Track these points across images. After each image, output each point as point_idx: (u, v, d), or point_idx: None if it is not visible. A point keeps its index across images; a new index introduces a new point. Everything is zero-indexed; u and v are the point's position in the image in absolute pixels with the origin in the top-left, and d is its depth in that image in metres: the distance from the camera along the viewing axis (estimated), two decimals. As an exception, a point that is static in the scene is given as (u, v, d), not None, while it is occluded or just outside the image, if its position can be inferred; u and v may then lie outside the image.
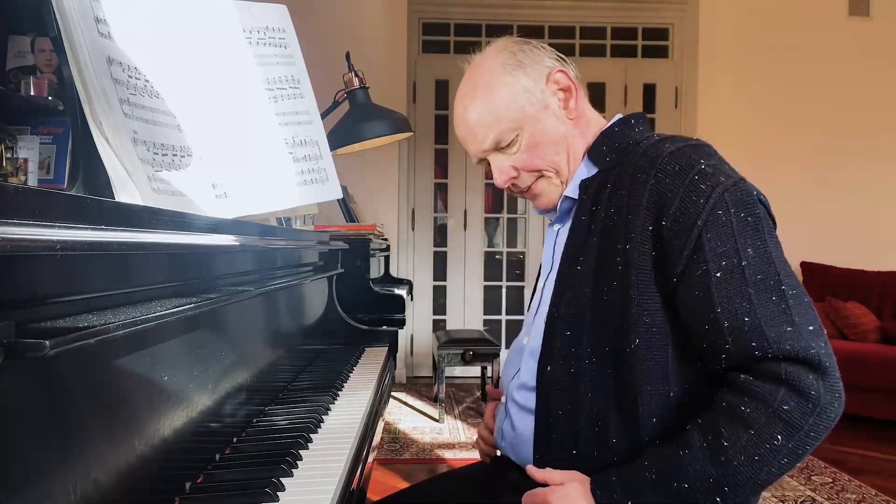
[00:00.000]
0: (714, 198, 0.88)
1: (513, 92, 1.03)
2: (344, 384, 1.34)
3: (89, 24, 0.86)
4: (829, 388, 0.82)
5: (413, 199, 4.82)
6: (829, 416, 0.82)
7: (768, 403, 0.82)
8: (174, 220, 0.77)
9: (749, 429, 0.83)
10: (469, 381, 4.62)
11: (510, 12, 4.76)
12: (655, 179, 0.91)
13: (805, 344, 0.82)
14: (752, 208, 0.89)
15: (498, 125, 1.03)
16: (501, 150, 1.05)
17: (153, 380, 0.71)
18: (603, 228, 0.96)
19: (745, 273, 0.86)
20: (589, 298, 0.95)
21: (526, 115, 1.03)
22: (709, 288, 0.86)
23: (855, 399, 3.57)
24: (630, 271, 0.91)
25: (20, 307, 0.50)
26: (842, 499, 2.57)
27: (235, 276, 1.07)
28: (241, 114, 1.16)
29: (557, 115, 1.05)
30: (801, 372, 0.82)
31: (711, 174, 0.89)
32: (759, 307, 0.84)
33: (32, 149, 1.99)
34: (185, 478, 0.78)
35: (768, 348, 0.83)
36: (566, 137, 1.05)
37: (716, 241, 0.87)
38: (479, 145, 1.06)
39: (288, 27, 1.32)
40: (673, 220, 0.89)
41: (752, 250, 0.86)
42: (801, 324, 0.84)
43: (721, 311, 0.86)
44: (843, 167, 4.60)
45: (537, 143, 1.03)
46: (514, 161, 1.05)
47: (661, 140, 0.98)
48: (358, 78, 1.96)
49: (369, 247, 2.20)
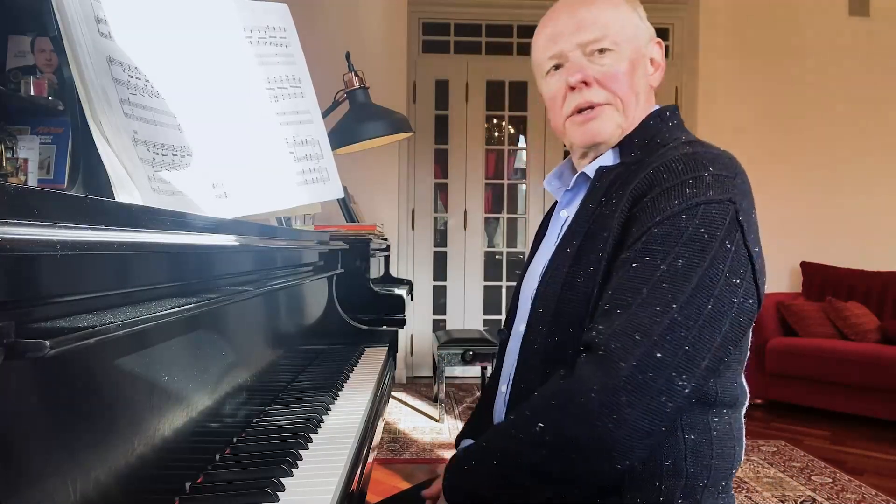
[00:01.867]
0: (688, 205, 0.84)
1: (631, 19, 1.01)
2: (344, 384, 1.34)
3: (90, 23, 0.86)
4: (603, 402, 0.77)
5: (413, 199, 4.82)
6: (595, 433, 0.77)
7: (547, 394, 0.84)
8: (174, 220, 0.77)
9: (525, 410, 0.85)
10: (469, 381, 4.62)
11: (510, 12, 4.76)
12: (654, 170, 0.89)
13: (625, 354, 0.78)
14: (716, 230, 0.82)
15: (606, 30, 0.99)
16: (590, 54, 1.00)
17: (153, 380, 0.71)
18: (598, 216, 0.95)
19: (654, 275, 0.81)
20: (563, 278, 0.94)
21: (630, 43, 1.00)
22: (619, 271, 0.86)
23: (855, 399, 3.60)
24: (603, 258, 0.90)
25: (20, 307, 0.50)
26: (842, 499, 2.57)
27: (235, 276, 1.07)
28: (242, 113, 1.16)
29: (647, 70, 1.04)
30: (590, 372, 0.80)
31: (707, 184, 0.85)
32: (637, 306, 0.81)
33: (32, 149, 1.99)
34: (185, 478, 0.78)
35: (601, 335, 0.81)
36: (646, 92, 1.04)
37: (658, 238, 0.83)
38: (575, 36, 0.99)
39: (289, 26, 1.32)
40: (642, 207, 0.87)
41: (683, 262, 0.81)
42: (654, 345, 0.78)
43: (611, 293, 0.85)
44: (844, 167, 4.60)
45: (629, 70, 1.00)
46: (598, 72, 0.99)
47: (687, 143, 0.95)
48: (358, 78, 1.96)
49: (369, 247, 2.20)
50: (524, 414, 0.86)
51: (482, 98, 4.89)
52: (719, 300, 0.81)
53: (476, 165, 4.90)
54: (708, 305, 0.80)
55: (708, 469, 0.90)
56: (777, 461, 3.02)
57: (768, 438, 3.35)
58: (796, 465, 2.98)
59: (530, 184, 4.97)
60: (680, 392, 0.80)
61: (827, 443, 3.34)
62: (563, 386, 0.82)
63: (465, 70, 4.85)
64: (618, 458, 0.79)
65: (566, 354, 0.91)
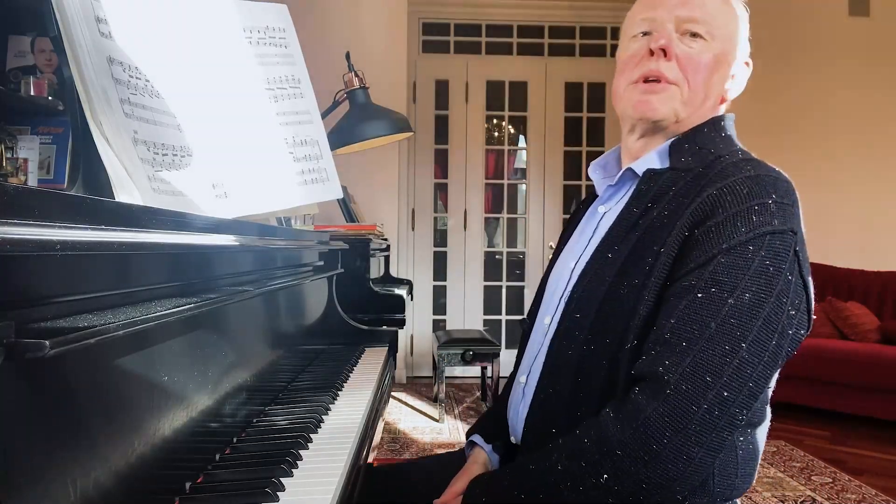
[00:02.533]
0: (756, 233, 0.83)
1: (735, 22, 1.00)
2: (344, 384, 1.34)
3: (90, 23, 0.86)
4: (676, 448, 0.78)
5: (413, 199, 4.82)
6: (665, 473, 0.78)
7: (607, 441, 0.81)
8: (174, 220, 0.77)
9: (581, 460, 0.83)
10: (469, 381, 4.62)
11: (510, 12, 4.76)
12: (718, 191, 0.87)
13: (696, 397, 0.78)
14: (781, 262, 0.82)
15: (710, 17, 0.97)
16: (683, 33, 0.98)
17: (153, 380, 0.71)
18: (648, 226, 0.92)
19: (722, 308, 0.81)
20: (606, 286, 0.92)
21: (726, 42, 0.99)
22: (682, 299, 0.83)
23: (855, 399, 3.59)
24: (653, 272, 0.88)
25: (20, 307, 0.50)
26: (842, 499, 2.57)
27: (235, 276, 1.07)
28: (242, 113, 1.16)
29: (726, 80, 1.02)
30: (660, 420, 0.79)
31: (772, 212, 0.84)
32: (706, 342, 0.80)
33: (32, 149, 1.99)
34: (185, 478, 0.78)
35: (670, 372, 0.80)
36: (716, 96, 1.02)
37: (725, 268, 0.82)
38: (678, 9, 0.98)
39: (288, 27, 1.32)
40: (706, 230, 0.85)
41: (750, 296, 0.81)
42: (722, 385, 0.79)
43: (673, 322, 0.83)
44: (844, 167, 4.60)
45: (712, 65, 0.98)
46: (682, 51, 0.97)
47: (745, 161, 0.93)
48: (358, 78, 1.96)
49: (369, 247, 2.20)
50: (578, 465, 0.83)
51: (482, 98, 4.89)
52: (781, 335, 0.82)
53: (476, 165, 4.90)
54: (772, 341, 0.81)
55: (730, 488, 0.92)
56: (777, 461, 3.02)
57: (768, 438, 3.34)
58: (796, 465, 2.98)
59: (530, 184, 4.97)
60: (738, 424, 0.82)
61: (827, 443, 3.34)
62: (629, 437, 0.80)
63: (465, 70, 4.86)
64: (680, 491, 0.81)
65: (600, 365, 0.90)
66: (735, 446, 0.91)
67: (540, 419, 0.97)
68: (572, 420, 0.91)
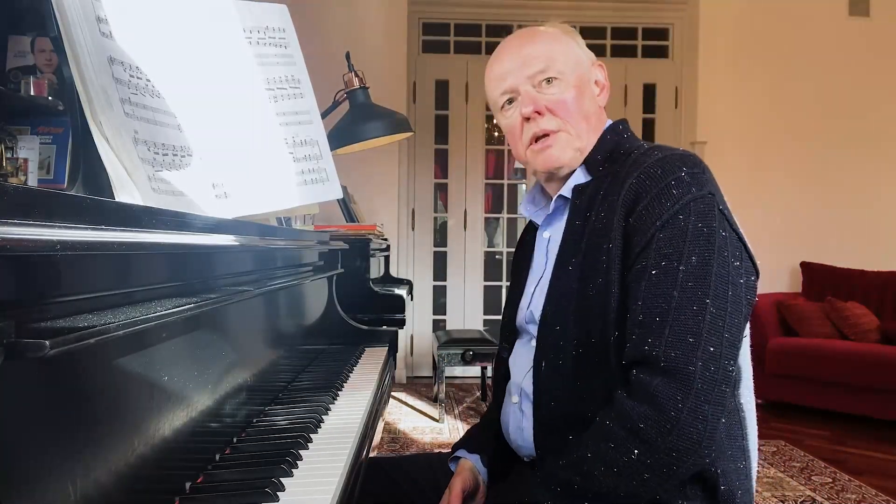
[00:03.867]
0: (680, 204, 0.90)
1: (571, 49, 1.08)
2: (344, 384, 1.34)
3: (90, 23, 0.86)
4: (691, 409, 0.83)
5: (413, 199, 4.82)
6: (689, 437, 0.83)
7: (628, 418, 0.86)
8: (174, 220, 0.77)
9: (609, 441, 0.87)
10: (469, 381, 4.62)
11: (510, 12, 4.76)
12: (636, 180, 0.94)
13: (689, 358, 0.84)
14: (711, 221, 0.90)
15: (550, 61, 1.05)
16: (539, 85, 1.05)
17: (153, 380, 0.71)
18: (591, 230, 0.99)
19: (677, 276, 0.88)
20: (575, 294, 0.98)
21: (574, 70, 1.06)
22: (640, 282, 0.90)
23: (855, 399, 3.59)
24: (611, 267, 0.94)
25: (20, 307, 0.50)
26: (842, 499, 2.57)
27: (235, 276, 1.07)
28: (242, 114, 1.16)
29: (593, 94, 1.09)
30: (667, 388, 0.84)
31: (688, 182, 0.92)
32: (675, 310, 0.86)
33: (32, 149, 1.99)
34: (185, 478, 0.78)
35: (656, 347, 0.86)
36: (595, 114, 1.08)
37: (665, 242, 0.89)
38: (522, 71, 1.06)
39: (288, 27, 1.32)
40: (637, 216, 0.92)
41: (696, 258, 0.88)
42: (705, 341, 0.85)
43: (641, 304, 0.89)
44: (844, 167, 4.60)
45: (576, 96, 1.05)
46: (548, 101, 1.05)
47: (651, 148, 1.01)
48: (358, 78, 1.96)
49: (369, 247, 2.20)
50: (607, 446, 0.87)
51: (482, 98, 4.88)
52: (734, 285, 0.89)
53: (476, 165, 4.90)
54: (728, 292, 0.88)
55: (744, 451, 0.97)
56: (777, 461, 3.02)
57: (768, 438, 3.35)
58: (796, 465, 2.98)
59: (530, 184, 4.97)
60: (731, 375, 0.87)
61: (827, 443, 3.34)
62: (647, 410, 0.85)
63: (465, 70, 4.85)
64: (707, 454, 0.86)
65: (594, 363, 0.96)
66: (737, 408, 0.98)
67: (550, 431, 1.01)
68: (583, 420, 0.95)
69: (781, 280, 4.54)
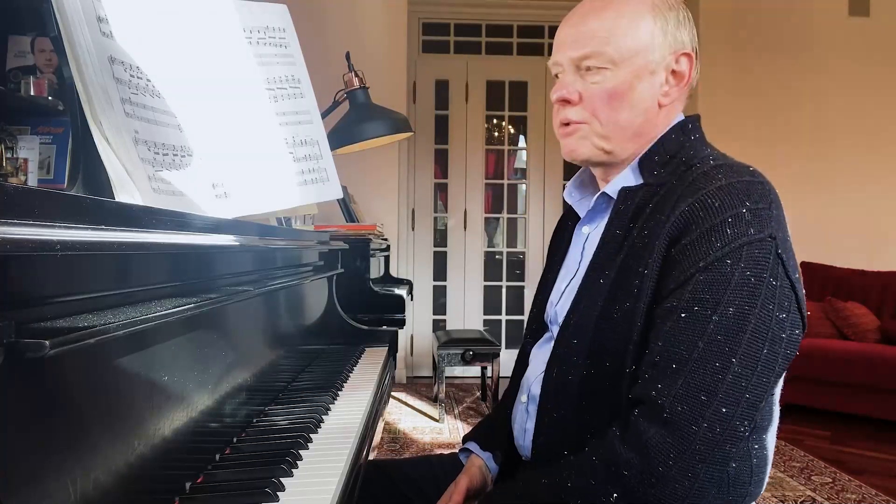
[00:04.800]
0: (732, 246, 0.81)
1: (642, 31, 0.94)
2: (344, 384, 1.34)
3: (91, 23, 0.86)
4: (682, 468, 0.78)
5: (413, 199, 4.82)
6: (673, 493, 0.79)
7: (615, 461, 0.82)
8: (174, 220, 0.77)
9: (591, 478, 0.83)
10: (469, 381, 4.62)
11: (510, 12, 4.76)
12: (690, 207, 0.85)
13: (694, 417, 0.78)
14: (762, 270, 0.81)
15: (603, 45, 0.94)
16: (581, 70, 0.96)
17: (153, 380, 0.71)
18: (631, 246, 0.92)
19: (707, 327, 0.80)
20: (599, 311, 0.92)
21: (632, 59, 0.94)
22: (666, 321, 0.83)
23: (855, 399, 3.59)
24: (642, 295, 0.87)
25: (20, 307, 0.50)
26: (842, 499, 2.57)
27: (235, 276, 1.07)
28: (242, 113, 1.16)
29: (654, 89, 0.96)
30: (662, 442, 0.79)
31: (747, 222, 0.82)
32: (695, 362, 0.80)
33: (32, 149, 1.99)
34: (185, 478, 0.78)
35: (663, 395, 0.80)
36: (644, 114, 0.97)
37: (705, 286, 0.81)
38: (568, 50, 0.97)
39: (288, 27, 1.32)
40: (681, 249, 0.84)
41: (734, 310, 0.80)
42: (719, 401, 0.79)
43: (661, 345, 0.83)
44: (843, 167, 4.60)
45: (618, 92, 0.95)
46: (584, 89, 0.96)
47: (716, 168, 0.89)
48: (358, 78, 1.96)
49: (369, 247, 2.20)
50: (588, 482, 0.83)
51: (482, 98, 4.89)
52: (772, 342, 0.81)
53: (476, 165, 4.90)
54: (763, 350, 0.80)
55: (744, 496, 0.91)
56: (777, 461, 3.02)
57: (768, 438, 3.35)
58: (796, 465, 2.98)
59: (530, 184, 4.97)
60: (742, 436, 0.81)
61: (827, 443, 3.34)
62: (634, 458, 0.80)
63: (465, 70, 4.86)
64: None
65: (604, 386, 0.91)
66: (749, 455, 0.91)
67: (548, 440, 0.98)
68: (582, 441, 0.91)
69: (781, 280, 4.54)
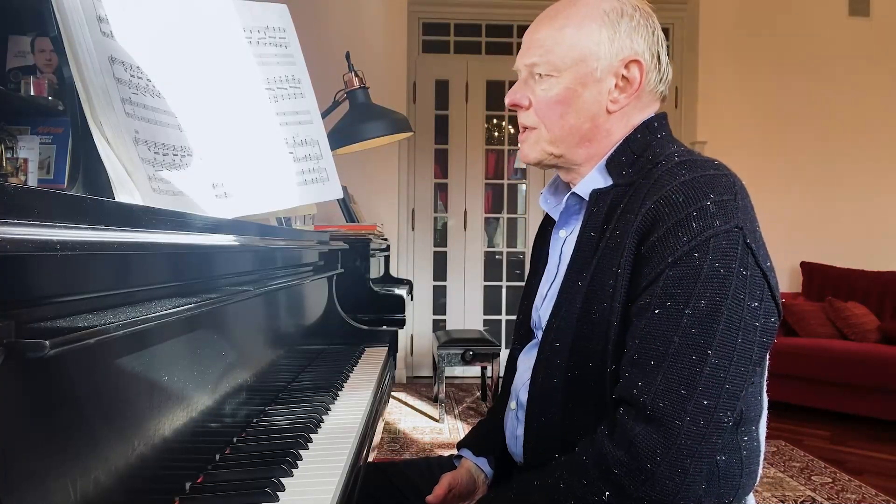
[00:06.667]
0: (699, 239, 0.82)
1: (588, 39, 0.96)
2: (344, 384, 1.34)
3: (91, 23, 0.86)
4: (670, 463, 0.79)
5: (413, 199, 4.82)
6: (664, 489, 0.79)
7: (604, 460, 0.82)
8: (174, 220, 0.77)
9: (582, 478, 0.84)
10: (469, 381, 4.62)
11: (510, 12, 4.76)
12: (655, 205, 0.86)
13: (676, 411, 0.79)
14: (731, 261, 0.82)
15: (548, 53, 0.97)
16: (534, 77, 0.99)
17: (153, 380, 0.71)
18: (605, 247, 0.93)
19: (681, 320, 0.81)
20: (578, 314, 0.93)
21: (576, 67, 0.96)
22: (641, 318, 0.84)
23: (855, 399, 3.59)
24: (616, 295, 0.88)
25: (20, 307, 0.50)
26: (842, 499, 2.57)
27: (235, 276, 1.07)
28: (242, 113, 1.16)
29: (602, 96, 0.97)
30: (648, 438, 0.79)
31: (712, 214, 0.83)
32: (672, 357, 0.81)
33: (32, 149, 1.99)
34: (185, 478, 0.78)
35: (645, 393, 0.81)
36: (592, 120, 0.98)
37: (675, 281, 0.82)
38: (522, 57, 1.01)
39: (288, 27, 1.32)
40: (650, 246, 0.85)
41: (706, 302, 0.81)
42: (699, 394, 0.79)
43: (638, 343, 0.84)
44: (843, 167, 4.60)
45: (563, 99, 0.97)
46: (534, 95, 1.00)
47: (680, 164, 0.90)
48: (358, 78, 1.96)
49: (369, 247, 2.20)
50: (579, 482, 0.84)
51: (482, 98, 4.89)
52: (746, 331, 0.81)
53: (476, 165, 4.90)
54: (738, 339, 0.81)
55: (737, 488, 0.92)
56: (777, 461, 3.02)
57: (768, 438, 3.31)
58: (796, 465, 2.98)
59: (530, 184, 4.97)
60: (726, 426, 0.82)
61: (827, 443, 3.34)
62: (623, 456, 0.81)
63: (465, 70, 4.85)
64: (683, 500, 0.81)
65: (589, 388, 0.92)
66: (738, 447, 0.91)
67: (539, 446, 0.99)
68: (570, 444, 0.91)
69: (781, 280, 4.50)
